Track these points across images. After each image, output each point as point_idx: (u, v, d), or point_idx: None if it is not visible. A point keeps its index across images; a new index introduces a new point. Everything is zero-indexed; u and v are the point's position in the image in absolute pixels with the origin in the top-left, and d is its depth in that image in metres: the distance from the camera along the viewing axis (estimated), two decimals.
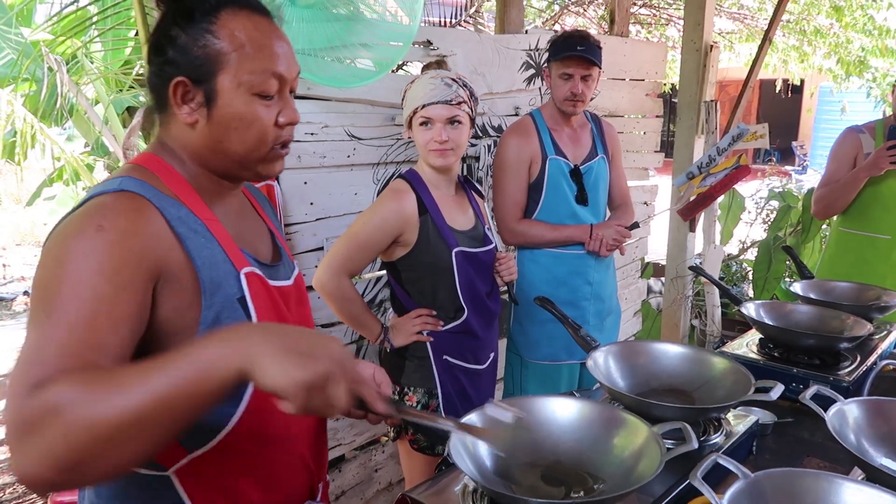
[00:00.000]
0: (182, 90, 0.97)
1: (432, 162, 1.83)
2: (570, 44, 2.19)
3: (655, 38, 7.23)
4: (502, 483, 1.12)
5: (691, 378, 1.53)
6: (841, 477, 1.01)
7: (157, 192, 0.95)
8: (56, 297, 0.82)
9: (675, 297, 4.19)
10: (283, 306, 1.07)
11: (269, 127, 1.00)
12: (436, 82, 1.78)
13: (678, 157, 4.06)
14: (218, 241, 0.99)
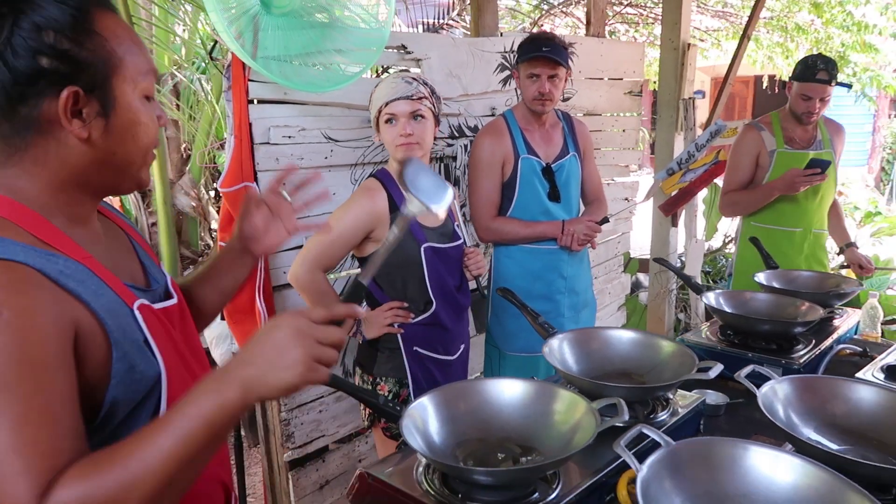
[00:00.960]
0: (73, 101, 0.86)
1: (399, 156, 1.91)
2: (535, 45, 2.28)
3: (644, 36, 7.32)
4: (449, 457, 1.20)
5: (643, 362, 1.62)
6: (752, 443, 1.09)
7: (26, 248, 0.83)
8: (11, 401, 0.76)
9: (659, 290, 4.27)
10: (171, 329, 1.01)
11: (155, 129, 0.96)
12: (397, 81, 1.88)
13: (659, 153, 4.15)
14: (103, 281, 0.90)
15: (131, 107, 0.91)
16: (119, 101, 0.90)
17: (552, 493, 1.16)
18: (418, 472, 1.24)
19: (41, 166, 0.89)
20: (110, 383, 0.87)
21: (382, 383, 1.97)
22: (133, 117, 0.92)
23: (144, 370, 0.91)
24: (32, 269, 0.81)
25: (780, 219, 2.93)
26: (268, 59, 2.01)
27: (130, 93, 0.91)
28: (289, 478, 2.39)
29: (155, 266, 1.09)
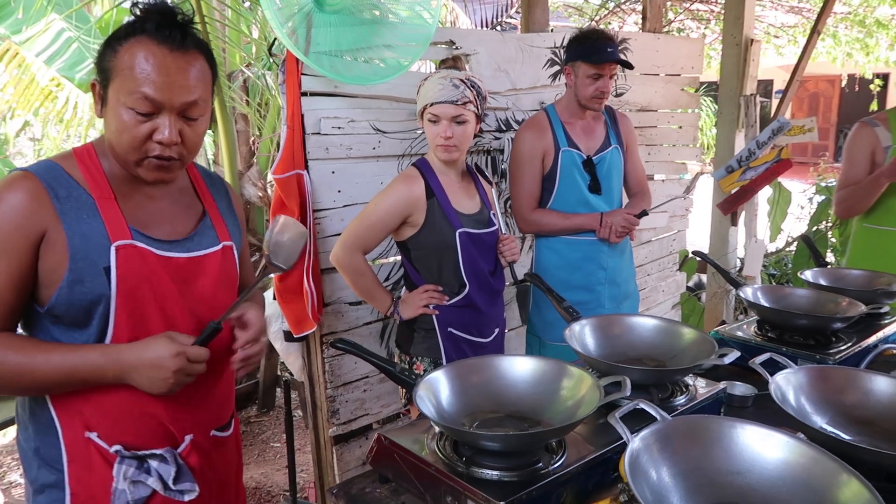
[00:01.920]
0: (97, 89, 1.22)
1: (438, 156, 2.00)
2: (599, 46, 2.30)
3: (715, 34, 7.15)
4: (458, 424, 1.28)
5: (664, 348, 1.64)
6: (746, 422, 1.12)
7: (61, 174, 1.21)
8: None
9: (717, 290, 4.20)
10: (161, 275, 1.26)
11: (138, 138, 1.19)
12: (444, 83, 1.95)
13: (719, 151, 4.09)
14: (102, 217, 1.21)
15: (114, 111, 1.19)
16: (109, 103, 1.20)
17: (555, 463, 1.22)
18: (431, 437, 1.33)
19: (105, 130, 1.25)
20: (59, 285, 1.18)
21: (418, 363, 2.06)
22: (114, 119, 1.20)
23: (91, 287, 1.19)
24: (41, 183, 1.18)
25: (892, 219, 2.79)
26: (319, 55, 2.14)
27: (116, 101, 1.19)
28: (334, 452, 2.52)
29: (211, 235, 1.37)
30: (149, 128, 1.20)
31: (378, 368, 1.40)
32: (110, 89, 1.19)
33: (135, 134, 1.19)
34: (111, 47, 1.20)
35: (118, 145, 1.21)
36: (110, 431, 1.26)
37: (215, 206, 1.41)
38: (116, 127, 1.20)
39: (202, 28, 3.23)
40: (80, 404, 1.24)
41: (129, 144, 1.20)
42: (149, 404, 1.28)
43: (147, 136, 1.20)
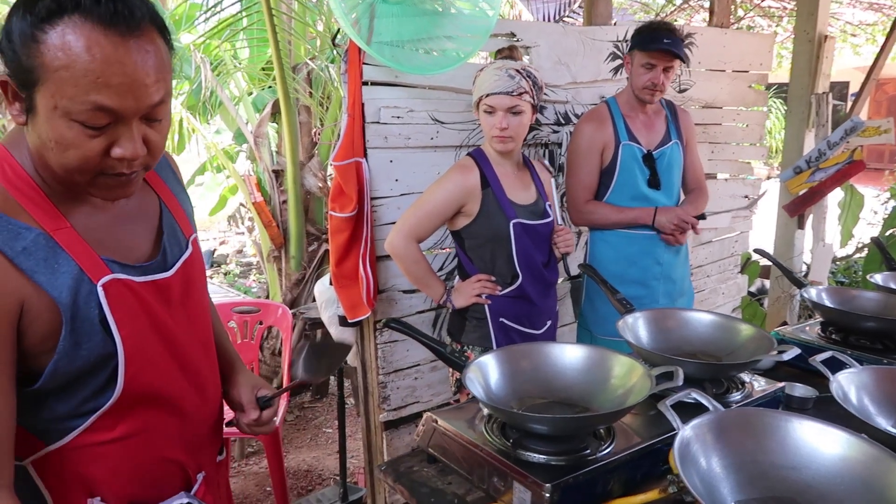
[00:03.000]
0: (10, 89, 0.89)
1: (494, 147, 2.01)
2: (657, 36, 2.26)
3: (788, 31, 6.91)
4: (507, 406, 1.28)
5: (721, 344, 1.61)
6: (804, 417, 1.09)
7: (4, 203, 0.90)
8: None
9: (780, 294, 4.06)
10: (155, 304, 1.03)
11: (91, 157, 0.89)
12: (500, 73, 1.95)
13: (787, 150, 3.95)
14: (70, 254, 0.94)
15: (48, 121, 0.87)
16: (38, 111, 0.88)
17: (603, 450, 1.21)
18: (479, 420, 1.34)
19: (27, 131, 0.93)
20: (54, 356, 0.93)
21: (469, 351, 2.07)
22: (49, 132, 0.88)
23: (91, 348, 0.95)
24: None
25: None
26: (381, 45, 2.17)
27: (49, 110, 0.86)
28: (384, 438, 2.56)
29: (176, 235, 1.12)
30: (103, 143, 0.89)
31: (429, 349, 1.42)
32: (39, 94, 0.86)
33: (85, 153, 0.89)
34: (29, 35, 0.84)
35: (59, 165, 0.90)
36: (119, 490, 1.04)
37: (167, 189, 1.15)
38: (56, 143, 0.88)
39: (269, 20, 3.32)
40: (82, 467, 1.01)
41: (76, 165, 0.90)
42: (166, 447, 1.09)
43: (101, 153, 0.90)
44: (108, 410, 1.00)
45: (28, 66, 0.85)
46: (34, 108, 0.88)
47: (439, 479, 1.33)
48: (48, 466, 1.00)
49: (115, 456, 1.03)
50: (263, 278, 5.84)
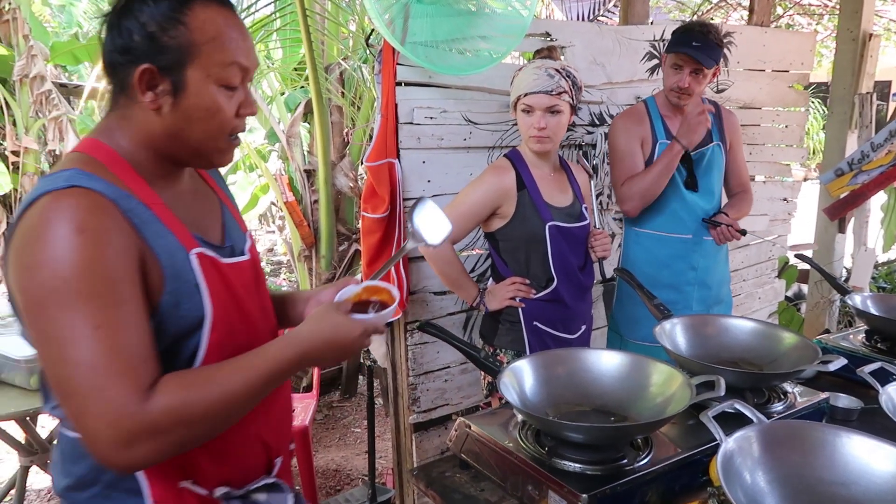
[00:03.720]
0: (148, 77, 0.97)
1: (531, 147, 1.98)
2: (686, 37, 2.20)
3: (828, 30, 6.74)
4: (542, 413, 1.26)
5: (762, 352, 1.57)
6: (853, 431, 1.04)
7: (107, 184, 0.95)
8: (86, 306, 0.87)
9: (819, 300, 3.96)
10: (236, 284, 1.09)
11: (230, 117, 1.02)
12: (539, 73, 1.92)
13: (828, 152, 3.86)
14: (167, 226, 1.01)
15: (201, 92, 0.99)
16: (190, 86, 0.99)
17: (641, 461, 1.19)
18: (514, 426, 1.32)
19: (129, 123, 1.02)
20: (157, 317, 0.98)
21: (502, 354, 2.05)
22: (201, 102, 1.00)
23: (189, 310, 1.01)
24: (107, 199, 0.94)
25: None
26: (415, 45, 2.16)
27: (203, 80, 0.99)
28: (413, 440, 2.55)
29: (238, 229, 1.20)
30: (236, 103, 1.03)
31: (463, 353, 1.40)
32: (190, 70, 0.98)
33: (226, 114, 1.02)
34: (172, 19, 0.96)
35: (204, 132, 1.02)
36: (211, 472, 1.07)
37: (222, 191, 1.23)
38: (206, 111, 1.00)
39: (302, 20, 3.33)
40: None
41: (220, 127, 1.03)
42: (251, 431, 1.13)
43: (235, 113, 1.03)
44: None
45: (177, 47, 0.96)
46: (184, 86, 0.98)
47: (472, 486, 1.31)
48: None
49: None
50: (294, 277, 5.89)
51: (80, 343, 0.87)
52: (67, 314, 0.87)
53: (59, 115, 4.90)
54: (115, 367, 0.87)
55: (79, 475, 1.04)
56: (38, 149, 5.29)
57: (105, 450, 0.87)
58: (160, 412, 0.88)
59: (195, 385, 0.93)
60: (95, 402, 0.86)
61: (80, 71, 8.79)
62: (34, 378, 2.17)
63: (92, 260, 0.88)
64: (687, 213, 2.34)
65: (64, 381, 0.88)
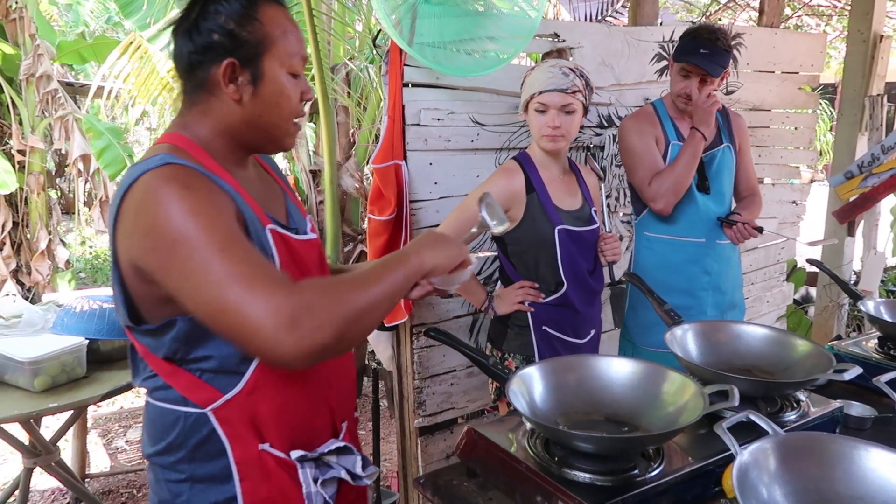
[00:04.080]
0: (230, 70, 1.08)
1: (544, 146, 1.95)
2: (694, 46, 2.17)
3: (836, 31, 6.70)
4: (552, 423, 1.24)
5: (774, 359, 1.54)
6: (873, 444, 1.02)
7: (195, 163, 1.07)
8: (211, 238, 0.95)
9: (828, 304, 3.92)
10: (305, 260, 1.19)
11: (296, 103, 1.16)
12: (554, 71, 1.90)
13: (838, 155, 3.82)
14: (246, 202, 1.11)
15: (276, 80, 1.11)
16: (267, 75, 1.11)
17: (653, 471, 1.16)
18: (522, 434, 1.29)
19: (208, 116, 1.13)
20: None
21: (510, 359, 2.03)
22: (277, 88, 1.12)
23: None
24: (202, 171, 1.06)
25: None
26: (423, 46, 2.14)
27: (277, 69, 1.11)
28: (418, 443, 2.53)
29: (298, 212, 1.29)
30: (299, 89, 1.16)
31: (471, 360, 1.38)
32: (265, 60, 1.10)
33: (294, 99, 1.15)
34: (248, 17, 1.09)
35: (279, 116, 1.14)
36: (283, 435, 1.15)
37: (282, 181, 1.34)
38: (281, 96, 1.13)
39: (309, 20, 3.31)
40: (251, 416, 1.12)
41: (291, 111, 1.15)
42: (320, 397, 1.21)
43: (300, 99, 1.16)
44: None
45: (254, 41, 1.09)
46: (261, 76, 1.11)
47: (479, 495, 1.29)
48: (225, 414, 1.11)
49: (279, 400, 1.14)
50: None
51: (217, 266, 0.94)
52: (198, 250, 0.95)
53: (66, 115, 4.89)
54: (256, 271, 0.95)
55: (167, 441, 1.13)
56: (43, 148, 5.29)
57: (273, 342, 0.92)
58: (312, 292, 0.96)
59: (335, 278, 1.03)
60: (249, 303, 0.92)
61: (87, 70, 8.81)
62: (38, 380, 2.16)
63: (204, 203, 0.99)
64: (699, 217, 2.31)
65: (214, 302, 0.94)
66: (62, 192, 7.51)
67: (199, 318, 1.00)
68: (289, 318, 0.92)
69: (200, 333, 1.06)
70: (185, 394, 1.11)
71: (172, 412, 1.12)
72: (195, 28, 1.09)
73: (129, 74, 4.29)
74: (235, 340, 0.97)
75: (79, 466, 2.99)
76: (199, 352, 1.09)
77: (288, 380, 1.14)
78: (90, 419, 3.74)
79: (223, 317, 0.94)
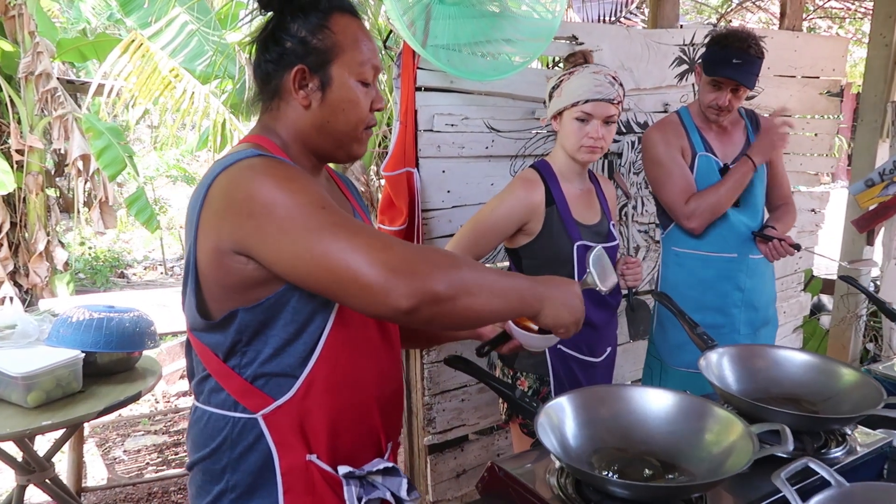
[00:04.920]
0: (300, 76, 1.12)
1: (581, 157, 1.84)
2: (726, 56, 2.06)
3: (849, 33, 6.59)
4: (585, 463, 1.14)
5: (816, 389, 1.44)
6: None
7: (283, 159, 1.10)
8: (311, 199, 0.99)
9: (845, 315, 3.82)
10: None
11: (366, 111, 1.16)
12: (600, 78, 1.79)
13: (857, 162, 3.71)
14: None
15: (344, 86, 1.13)
16: (335, 81, 1.13)
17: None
18: (551, 473, 1.19)
19: (282, 121, 1.16)
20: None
21: (522, 378, 1.93)
22: (345, 95, 1.14)
23: None
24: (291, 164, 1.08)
25: None
26: (437, 48, 2.04)
27: (346, 76, 1.13)
28: (427, 462, 2.43)
29: None
30: (370, 98, 1.17)
31: (495, 391, 1.29)
32: (334, 67, 1.12)
33: (363, 107, 1.16)
34: (320, 26, 1.12)
35: (346, 123, 1.16)
36: (332, 449, 1.14)
37: (352, 197, 1.34)
38: (349, 103, 1.14)
39: None
40: (301, 424, 1.11)
41: (359, 118, 1.16)
42: (369, 412, 1.19)
43: (370, 107, 1.18)
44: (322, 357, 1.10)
45: (324, 48, 1.12)
46: (329, 82, 1.13)
47: None
48: (275, 420, 1.10)
49: (330, 410, 1.13)
50: None
51: (318, 218, 0.96)
52: (297, 207, 0.97)
53: (65, 114, 4.80)
54: (357, 224, 0.98)
55: (212, 446, 1.12)
56: (42, 147, 5.20)
57: (381, 289, 0.92)
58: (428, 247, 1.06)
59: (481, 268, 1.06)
60: (353, 257, 0.93)
61: (88, 67, 8.72)
62: (32, 395, 2.06)
63: (298, 176, 1.02)
64: (731, 231, 2.20)
65: (328, 270, 0.95)
66: (61, 192, 7.41)
67: (298, 278, 1.00)
68: (402, 260, 0.94)
69: (261, 324, 1.08)
70: (238, 398, 1.10)
71: (222, 417, 1.11)
72: (271, 37, 1.13)
73: (130, 73, 4.20)
74: (340, 291, 0.96)
75: (74, 480, 2.89)
76: (258, 345, 1.09)
77: (340, 389, 1.13)
78: (87, 428, 3.64)
79: (339, 281, 0.94)
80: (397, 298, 0.92)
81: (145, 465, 3.46)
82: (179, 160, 9.76)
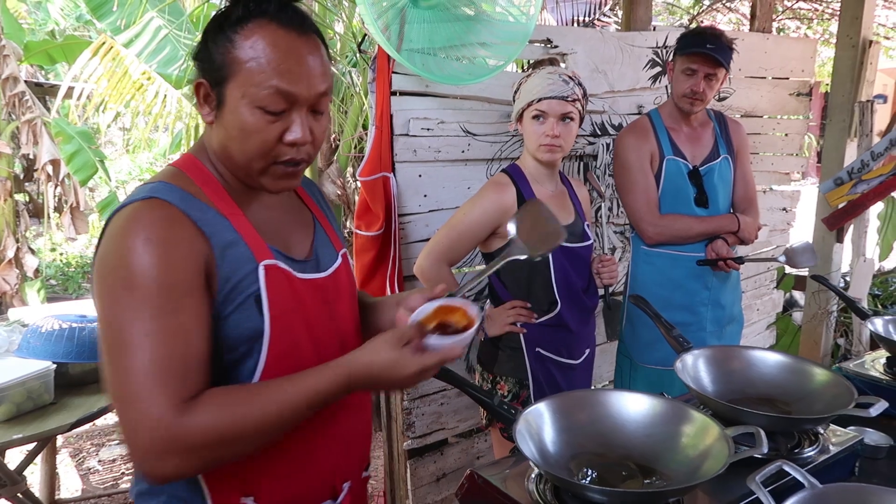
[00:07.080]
0: (203, 91, 1.01)
1: (540, 156, 1.86)
2: (700, 39, 2.13)
3: (817, 34, 6.71)
4: (563, 469, 1.14)
5: (790, 389, 1.46)
6: None
7: (186, 196, 0.99)
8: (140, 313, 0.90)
9: (816, 311, 3.89)
10: (307, 300, 1.08)
11: (269, 141, 0.99)
12: (553, 78, 1.81)
13: (827, 161, 3.78)
14: (241, 235, 1.02)
15: (235, 111, 0.99)
16: (227, 103, 0.99)
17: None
18: (530, 480, 1.20)
19: (209, 136, 1.07)
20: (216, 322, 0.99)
21: (502, 382, 1.93)
22: (235, 121, 0.99)
23: (244, 321, 1.00)
24: (180, 210, 0.97)
25: None
26: (412, 52, 2.04)
27: (238, 99, 0.98)
28: (407, 466, 2.42)
29: (329, 247, 1.19)
30: (279, 128, 0.99)
31: (475, 399, 1.28)
32: (229, 87, 0.98)
33: (265, 137, 0.99)
34: (223, 36, 0.98)
35: (241, 153, 1.01)
36: (272, 494, 1.06)
37: (320, 211, 1.23)
38: (240, 131, 0.99)
39: None
40: (238, 465, 1.02)
41: (256, 150, 1.00)
42: (317, 452, 1.10)
43: (277, 139, 1.00)
44: None
45: (220, 64, 0.98)
46: (223, 102, 0.99)
47: None
48: None
49: (272, 450, 1.05)
50: None
51: (129, 350, 0.89)
52: (124, 319, 0.90)
53: (34, 118, 4.70)
54: (157, 378, 0.89)
55: (150, 482, 1.04)
56: (10, 152, 5.08)
57: (138, 457, 0.89)
58: (193, 429, 0.89)
59: (234, 404, 0.93)
60: (135, 411, 0.88)
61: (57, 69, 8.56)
62: (2, 408, 2.02)
63: (153, 268, 0.91)
64: None
65: (113, 384, 0.91)
66: (31, 197, 7.27)
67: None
68: (159, 448, 0.88)
69: None
70: None
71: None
72: (202, 42, 1.03)
73: (100, 76, 4.13)
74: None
75: (48, 492, 2.83)
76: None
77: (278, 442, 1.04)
78: (60, 438, 3.57)
79: (115, 402, 0.91)
80: (154, 471, 0.90)
81: (120, 475, 3.40)
82: (152, 163, 9.61)
